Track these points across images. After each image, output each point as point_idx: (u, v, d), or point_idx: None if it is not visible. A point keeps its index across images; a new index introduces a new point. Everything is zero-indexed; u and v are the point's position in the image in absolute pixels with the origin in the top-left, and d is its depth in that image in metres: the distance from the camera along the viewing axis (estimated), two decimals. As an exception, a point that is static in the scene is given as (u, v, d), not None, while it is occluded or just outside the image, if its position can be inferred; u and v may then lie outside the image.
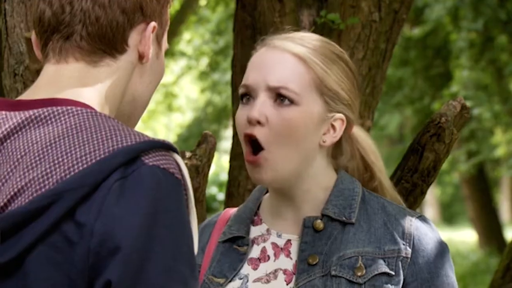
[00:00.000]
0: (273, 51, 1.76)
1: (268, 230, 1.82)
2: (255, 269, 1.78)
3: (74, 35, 1.34)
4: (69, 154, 1.21)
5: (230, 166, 3.01)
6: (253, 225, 1.84)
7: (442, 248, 1.77)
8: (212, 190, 16.61)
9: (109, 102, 1.36)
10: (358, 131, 1.85)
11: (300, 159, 1.75)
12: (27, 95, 1.35)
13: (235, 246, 1.82)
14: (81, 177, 1.18)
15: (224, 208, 3.00)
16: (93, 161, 1.20)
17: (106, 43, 1.35)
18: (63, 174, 1.20)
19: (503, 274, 2.80)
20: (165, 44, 1.45)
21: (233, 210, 1.92)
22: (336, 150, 1.84)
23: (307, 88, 1.74)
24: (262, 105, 1.73)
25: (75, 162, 1.20)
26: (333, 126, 1.78)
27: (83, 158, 1.20)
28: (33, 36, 1.41)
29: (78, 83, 1.33)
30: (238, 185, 2.96)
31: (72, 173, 1.19)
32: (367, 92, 2.79)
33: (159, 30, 1.41)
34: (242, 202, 2.91)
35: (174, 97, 17.37)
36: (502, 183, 24.92)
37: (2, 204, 1.21)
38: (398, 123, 14.57)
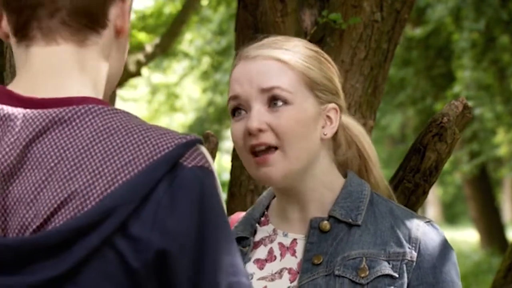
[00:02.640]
0: (255, 60, 1.78)
1: (274, 230, 1.83)
2: (261, 268, 1.80)
3: (59, 11, 1.30)
4: (108, 163, 1.20)
5: (232, 166, 3.01)
6: (260, 226, 1.86)
7: (449, 254, 1.76)
8: (214, 190, 16.61)
9: (102, 83, 1.34)
10: (347, 119, 1.88)
11: (307, 156, 1.76)
12: (26, 86, 1.30)
13: (240, 247, 1.83)
14: (129, 191, 1.18)
15: (226, 208, 3.02)
16: (135, 171, 1.19)
17: (89, 17, 1.31)
18: (106, 186, 1.19)
19: (505, 274, 2.79)
20: (130, 18, 1.42)
21: (243, 214, 1.94)
22: (334, 143, 1.85)
23: (298, 86, 1.76)
24: (259, 114, 1.74)
25: (116, 172, 1.19)
26: (328, 118, 1.80)
27: (124, 168, 1.20)
28: (3, 14, 1.33)
29: (76, 69, 1.30)
30: (240, 185, 2.96)
31: (116, 185, 1.19)
32: (369, 92, 2.79)
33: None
34: (244, 202, 2.94)
35: (176, 98, 17.38)
36: (504, 183, 24.93)
37: (45, 216, 1.19)
38: (400, 123, 14.58)
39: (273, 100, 1.74)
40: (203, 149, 1.27)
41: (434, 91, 12.40)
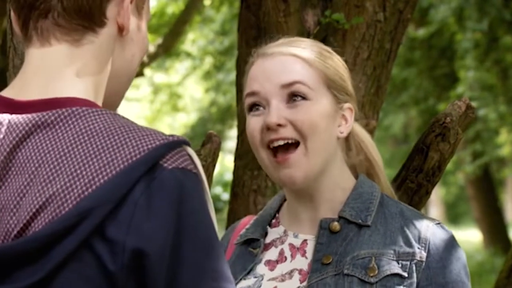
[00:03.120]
0: (273, 57, 1.79)
1: (285, 231, 1.84)
2: (271, 270, 1.80)
3: (51, 12, 1.28)
4: (86, 165, 1.18)
5: (235, 165, 3.01)
6: (271, 228, 1.87)
7: (459, 255, 1.76)
8: (217, 190, 16.64)
9: (100, 82, 1.32)
10: (355, 125, 1.89)
11: (326, 153, 1.77)
12: (19, 88, 1.30)
13: (250, 249, 1.84)
14: (106, 193, 1.16)
15: (229, 208, 3.01)
16: (113, 172, 1.17)
17: (83, 17, 1.29)
18: (84, 188, 1.17)
19: (507, 274, 2.79)
20: (147, 15, 1.39)
21: (254, 217, 1.95)
22: (346, 145, 1.87)
23: (317, 83, 1.77)
24: (278, 109, 1.74)
25: (94, 174, 1.17)
26: (344, 117, 1.82)
27: (102, 169, 1.18)
28: (11, 12, 1.34)
29: (67, 70, 1.29)
30: (243, 185, 2.95)
31: (94, 187, 1.17)
32: (372, 92, 2.79)
33: (139, 0, 1.36)
34: (247, 201, 2.93)
35: (179, 98, 17.39)
36: (507, 183, 24.90)
37: (25, 221, 1.18)
38: (402, 123, 14.57)
39: (292, 97, 1.75)
40: (189, 151, 1.24)
41: (437, 91, 12.40)
